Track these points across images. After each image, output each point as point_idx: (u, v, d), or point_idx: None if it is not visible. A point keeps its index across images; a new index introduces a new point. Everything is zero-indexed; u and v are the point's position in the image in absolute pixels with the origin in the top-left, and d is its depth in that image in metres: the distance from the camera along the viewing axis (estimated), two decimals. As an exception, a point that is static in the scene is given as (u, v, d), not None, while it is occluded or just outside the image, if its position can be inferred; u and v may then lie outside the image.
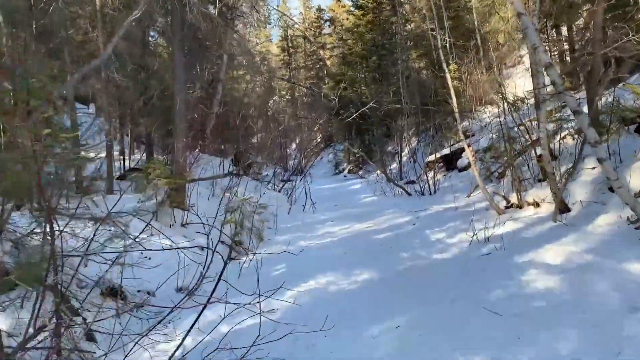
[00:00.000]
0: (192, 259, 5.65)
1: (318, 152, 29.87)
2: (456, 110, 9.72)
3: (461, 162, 16.22)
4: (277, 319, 4.17)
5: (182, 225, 7.42)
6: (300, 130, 27.78)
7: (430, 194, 13.23)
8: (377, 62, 23.91)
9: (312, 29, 39.84)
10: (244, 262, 6.78)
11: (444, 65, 9.45)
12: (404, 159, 19.82)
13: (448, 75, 9.58)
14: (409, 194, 13.51)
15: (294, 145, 28.38)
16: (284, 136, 29.39)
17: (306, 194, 12.55)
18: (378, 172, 18.42)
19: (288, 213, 11.48)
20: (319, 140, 30.82)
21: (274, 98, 35.17)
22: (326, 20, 38.90)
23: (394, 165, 21.05)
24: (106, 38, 8.90)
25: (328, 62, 31.75)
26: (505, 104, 9.87)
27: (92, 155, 5.15)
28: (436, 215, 9.87)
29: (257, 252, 7.33)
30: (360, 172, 22.34)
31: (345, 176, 23.01)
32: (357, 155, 22.70)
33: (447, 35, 16.44)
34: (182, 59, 8.48)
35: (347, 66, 25.22)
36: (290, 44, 40.74)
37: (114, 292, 5.03)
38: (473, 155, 10.22)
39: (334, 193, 16.57)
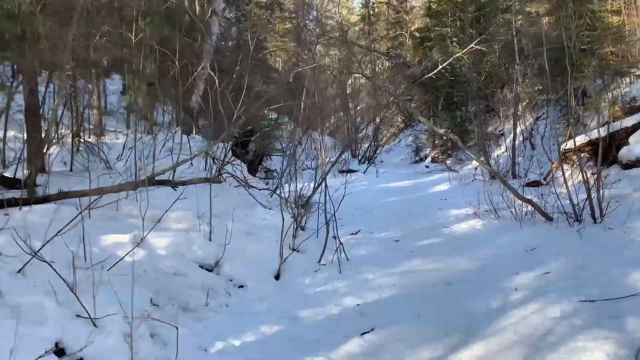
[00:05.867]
0: None
1: (396, 134, 22.58)
2: None
3: (628, 153, 8.66)
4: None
5: None
6: (379, 109, 20.74)
7: (595, 221, 5.89)
8: (476, 14, 16.19)
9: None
10: None
11: None
12: (516, 142, 12.12)
13: None
14: (550, 219, 6.21)
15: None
16: (360, 116, 22.62)
17: (326, 222, 5.49)
18: (477, 163, 10.97)
19: (276, 277, 4.66)
20: (399, 119, 23.39)
21: (354, 74, 28.34)
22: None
23: (498, 152, 13.48)
24: None
25: (406, 17, 23.96)
26: None
27: None
28: None
29: None
30: (449, 162, 14.91)
31: (427, 166, 15.63)
32: (445, 138, 15.25)
33: None
34: None
35: (434, 19, 17.63)
36: (371, 12, 33.48)
37: None
38: None
39: (404, 202, 9.43)
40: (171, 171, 5.00)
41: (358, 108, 24.29)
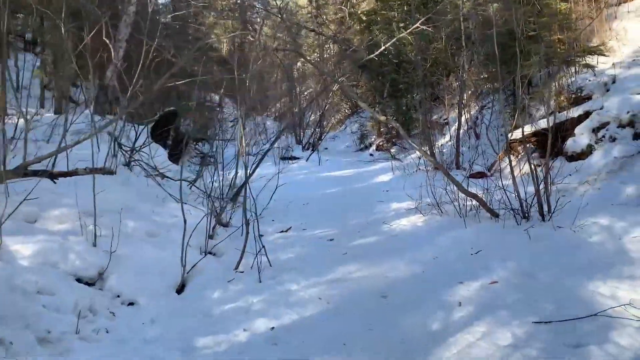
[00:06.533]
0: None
1: (342, 120, 21.97)
2: None
3: (573, 144, 8.35)
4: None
5: None
6: (324, 94, 20.01)
7: (543, 218, 5.44)
8: (424, -4, 15.62)
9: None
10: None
11: None
12: (460, 132, 11.72)
13: None
14: (496, 216, 5.72)
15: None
16: (306, 101, 21.82)
17: (246, 222, 4.64)
18: (420, 153, 10.45)
19: (179, 291, 3.82)
20: (345, 105, 22.72)
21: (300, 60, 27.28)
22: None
23: (443, 141, 13.10)
24: None
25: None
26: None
27: None
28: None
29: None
30: (393, 150, 14.43)
31: (371, 154, 15.11)
32: (389, 126, 14.76)
33: None
34: None
35: (381, 2, 16.98)
36: (318, -7, 32.37)
37: None
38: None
39: (344, 193, 8.79)
40: (53, 159, 4.06)
41: (305, 93, 23.50)
